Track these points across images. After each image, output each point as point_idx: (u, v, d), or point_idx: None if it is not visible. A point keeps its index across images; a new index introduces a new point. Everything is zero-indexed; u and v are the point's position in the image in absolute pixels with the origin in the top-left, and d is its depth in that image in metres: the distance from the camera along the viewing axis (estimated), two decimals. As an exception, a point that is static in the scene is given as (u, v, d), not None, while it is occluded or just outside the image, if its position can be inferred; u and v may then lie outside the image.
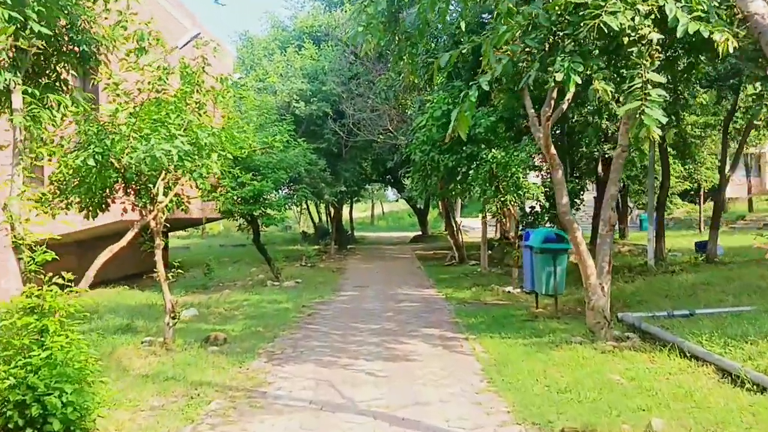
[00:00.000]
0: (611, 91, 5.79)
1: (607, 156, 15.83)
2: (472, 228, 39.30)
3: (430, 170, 14.25)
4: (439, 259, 23.65)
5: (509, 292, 13.76)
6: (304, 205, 32.13)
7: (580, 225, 21.23)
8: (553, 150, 8.22)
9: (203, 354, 8.29)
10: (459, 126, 5.71)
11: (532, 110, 8.72)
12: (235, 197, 14.83)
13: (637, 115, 5.24)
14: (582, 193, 18.29)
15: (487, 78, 5.57)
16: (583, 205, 19.23)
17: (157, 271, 8.67)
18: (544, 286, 10.47)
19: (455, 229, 21.64)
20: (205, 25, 21.53)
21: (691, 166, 28.44)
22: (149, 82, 8.10)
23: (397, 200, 48.03)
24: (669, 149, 16.36)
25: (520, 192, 13.09)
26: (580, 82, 5.66)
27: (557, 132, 16.33)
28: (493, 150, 12.92)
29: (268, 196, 15.54)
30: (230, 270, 20.10)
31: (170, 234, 38.54)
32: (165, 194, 8.59)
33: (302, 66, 23.69)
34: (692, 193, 32.68)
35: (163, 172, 8.36)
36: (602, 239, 8.47)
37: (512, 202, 13.45)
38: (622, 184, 17.67)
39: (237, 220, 16.29)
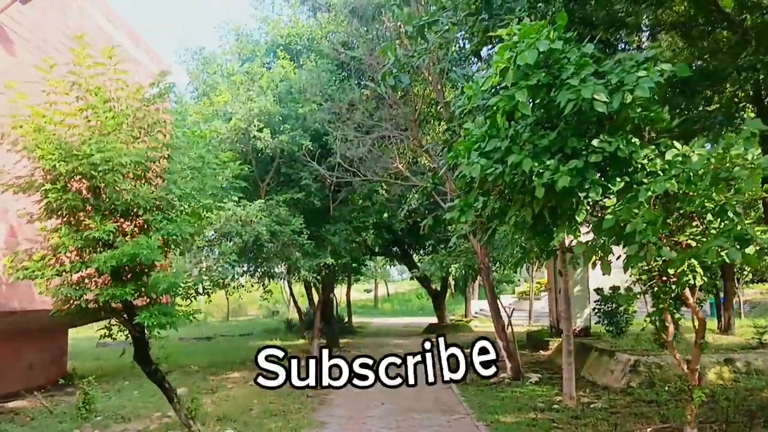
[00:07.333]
0: None
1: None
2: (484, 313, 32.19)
3: (506, 198, 5.89)
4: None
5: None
6: (284, 284, 24.04)
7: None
8: None
9: None
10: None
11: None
12: (83, 269, 6.97)
13: None
14: None
15: None
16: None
17: None
18: None
19: (505, 323, 13.49)
20: (151, 43, 14.68)
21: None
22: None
23: (411, 278, 39.73)
24: None
25: (739, 245, 5.08)
26: None
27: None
28: (673, 143, 5.04)
29: (160, 267, 7.63)
30: (136, 395, 11.91)
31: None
32: None
33: (271, 80, 16.23)
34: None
35: None
36: None
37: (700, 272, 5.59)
38: None
39: (110, 322, 8.27)
